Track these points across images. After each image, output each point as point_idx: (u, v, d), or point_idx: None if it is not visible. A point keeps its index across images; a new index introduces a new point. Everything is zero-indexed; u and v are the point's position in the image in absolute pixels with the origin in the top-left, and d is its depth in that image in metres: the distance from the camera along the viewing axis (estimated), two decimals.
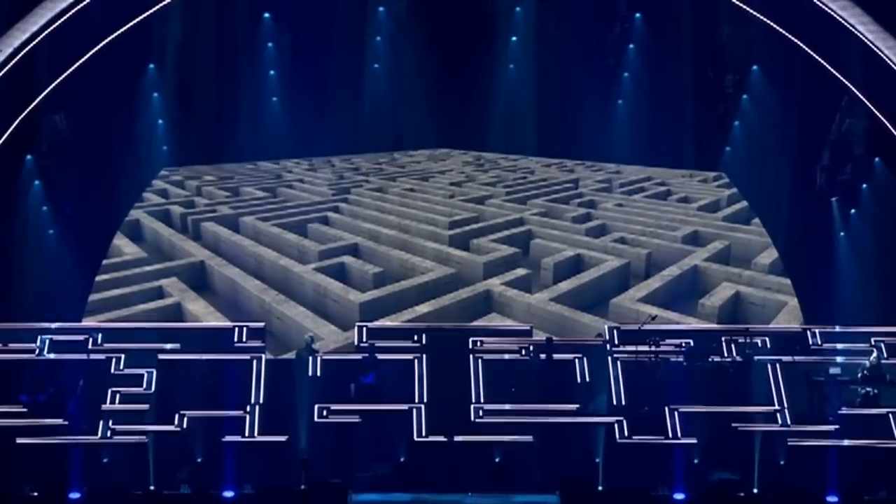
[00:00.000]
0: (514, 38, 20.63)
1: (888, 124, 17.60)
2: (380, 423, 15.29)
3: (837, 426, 15.09)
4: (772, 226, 20.13)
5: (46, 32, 16.82)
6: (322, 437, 15.13)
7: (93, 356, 15.75)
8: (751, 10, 18.12)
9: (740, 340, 16.26)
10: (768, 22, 18.08)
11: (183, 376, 15.57)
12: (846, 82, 17.69)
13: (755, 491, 14.58)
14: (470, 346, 16.13)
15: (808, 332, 16.68)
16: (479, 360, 15.98)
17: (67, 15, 16.89)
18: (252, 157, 24.57)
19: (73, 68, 17.25)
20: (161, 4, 17.83)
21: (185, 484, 14.73)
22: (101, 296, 19.26)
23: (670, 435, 15.06)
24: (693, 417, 15.18)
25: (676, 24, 19.42)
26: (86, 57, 17.33)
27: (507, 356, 16.15)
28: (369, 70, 20.71)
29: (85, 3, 16.93)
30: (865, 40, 17.18)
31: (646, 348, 15.88)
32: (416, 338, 16.22)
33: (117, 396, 15.39)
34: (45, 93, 17.24)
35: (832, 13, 17.30)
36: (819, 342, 16.51)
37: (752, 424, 15.21)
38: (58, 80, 17.23)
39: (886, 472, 14.73)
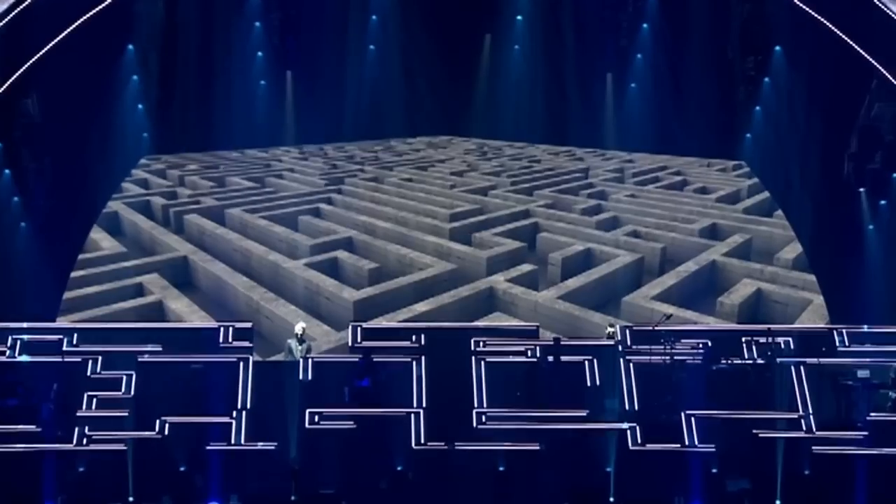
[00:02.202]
0: (519, 17, 20.58)
1: None
2: (376, 430, 15.24)
3: (866, 433, 15.00)
4: (796, 218, 20.11)
5: (17, 10, 16.76)
6: (314, 445, 15.09)
7: (68, 358, 15.66)
8: None
9: (762, 341, 16.16)
10: None
11: (165, 380, 15.51)
12: (875, 64, 17.63)
13: (778, 502, 14.55)
14: (472, 348, 16.05)
15: (835, 333, 16.55)
16: (482, 363, 15.91)
17: None
18: (239, 144, 24.54)
19: (46, 49, 17.20)
20: None
21: (167, 495, 14.69)
22: (76, 293, 19.29)
23: (686, 442, 15.01)
24: (711, 423, 15.12)
25: (693, 2, 19.37)
26: (60, 37, 17.27)
27: (511, 358, 16.08)
28: (364, 51, 20.66)
29: None
30: None
31: (661, 349, 15.83)
32: (414, 338, 16.14)
33: (94, 401, 15.29)
34: (15, 75, 17.18)
35: None
36: (846, 343, 16.39)
37: (775, 431, 15.14)
38: (30, 62, 17.18)
39: None
